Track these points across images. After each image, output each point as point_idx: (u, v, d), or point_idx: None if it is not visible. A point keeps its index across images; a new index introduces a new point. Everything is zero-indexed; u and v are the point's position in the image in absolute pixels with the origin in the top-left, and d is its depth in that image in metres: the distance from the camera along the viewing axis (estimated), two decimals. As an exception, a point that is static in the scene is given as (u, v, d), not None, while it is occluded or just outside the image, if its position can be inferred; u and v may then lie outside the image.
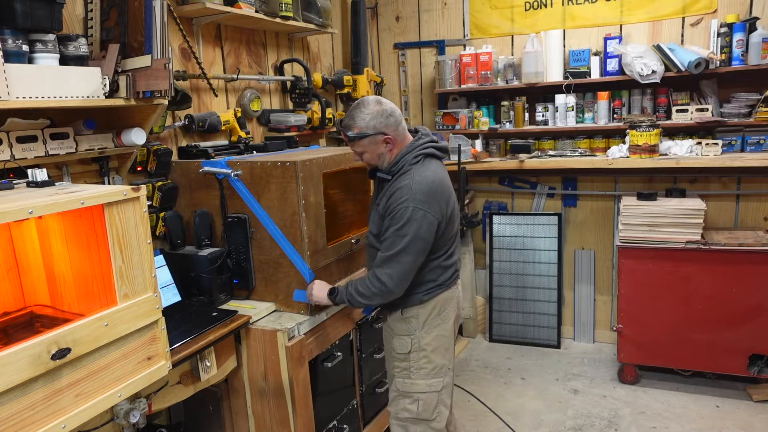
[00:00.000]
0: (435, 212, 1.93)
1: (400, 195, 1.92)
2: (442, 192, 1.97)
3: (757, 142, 3.29)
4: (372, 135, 1.96)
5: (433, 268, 2.05)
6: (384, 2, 4.18)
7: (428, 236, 1.94)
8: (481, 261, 4.23)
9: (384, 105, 1.99)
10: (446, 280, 2.09)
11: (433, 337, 2.08)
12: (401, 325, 2.10)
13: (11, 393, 1.27)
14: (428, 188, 1.93)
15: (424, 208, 1.90)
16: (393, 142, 2.00)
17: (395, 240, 1.92)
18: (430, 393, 2.09)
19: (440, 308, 2.09)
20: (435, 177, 1.97)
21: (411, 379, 2.09)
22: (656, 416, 3.05)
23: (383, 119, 1.96)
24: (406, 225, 1.90)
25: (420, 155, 2.00)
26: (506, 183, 4.11)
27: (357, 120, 1.97)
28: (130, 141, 2.06)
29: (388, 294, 1.97)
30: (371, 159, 2.04)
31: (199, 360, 1.99)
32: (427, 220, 1.91)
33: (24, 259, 1.72)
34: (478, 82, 3.81)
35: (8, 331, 1.65)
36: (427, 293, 2.06)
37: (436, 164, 2.04)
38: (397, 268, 1.93)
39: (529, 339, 4.03)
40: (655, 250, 3.20)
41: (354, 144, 2.02)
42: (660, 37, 3.50)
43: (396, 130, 2.00)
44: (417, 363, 2.08)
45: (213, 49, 2.78)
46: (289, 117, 3.12)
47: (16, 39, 1.64)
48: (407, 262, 1.93)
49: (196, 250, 2.31)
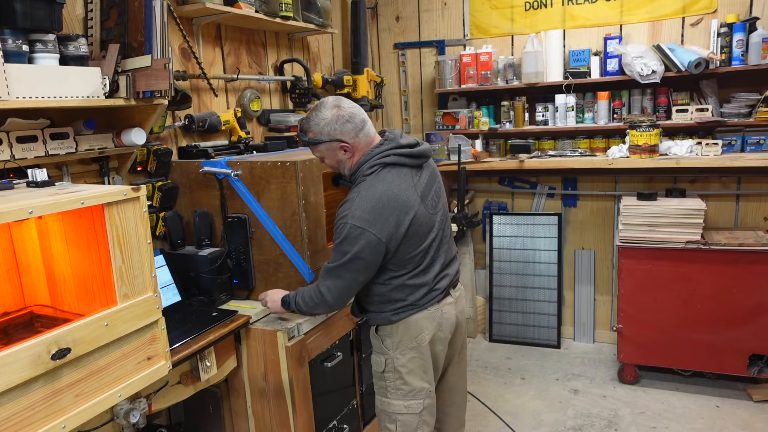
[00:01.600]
0: (378, 231, 1.76)
1: (343, 209, 1.81)
2: (392, 208, 1.78)
3: (757, 142, 3.29)
4: (327, 142, 1.85)
5: (398, 287, 1.90)
6: (384, 2, 4.18)
7: (369, 256, 1.79)
8: (481, 261, 4.23)
9: (342, 110, 1.84)
10: (418, 300, 1.92)
11: (408, 359, 1.94)
12: (376, 342, 2.01)
13: (11, 393, 1.27)
14: (373, 205, 1.76)
15: (363, 227, 1.75)
16: (352, 150, 1.86)
17: (336, 255, 1.83)
18: (409, 415, 1.96)
19: (414, 330, 1.93)
20: (386, 191, 1.79)
21: (388, 398, 1.99)
22: (656, 416, 3.05)
23: (338, 126, 1.83)
24: (344, 242, 1.78)
25: (377, 165, 1.83)
26: (506, 183, 4.11)
27: (311, 124, 1.86)
28: (130, 141, 2.06)
29: (327, 307, 1.92)
30: (332, 165, 1.94)
31: (199, 360, 1.99)
32: (365, 239, 1.76)
33: (24, 259, 1.72)
34: (478, 82, 3.81)
35: (8, 331, 1.65)
36: (396, 313, 1.92)
37: (396, 174, 1.83)
38: (337, 282, 1.85)
39: (529, 339, 4.03)
40: (655, 250, 3.20)
41: (311, 149, 1.94)
42: (660, 37, 3.50)
43: (355, 137, 1.85)
44: (393, 383, 1.97)
45: (213, 49, 2.78)
46: (289, 117, 3.12)
47: (16, 39, 1.64)
48: (347, 278, 1.84)
49: (196, 250, 2.31)
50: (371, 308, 2.00)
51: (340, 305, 1.94)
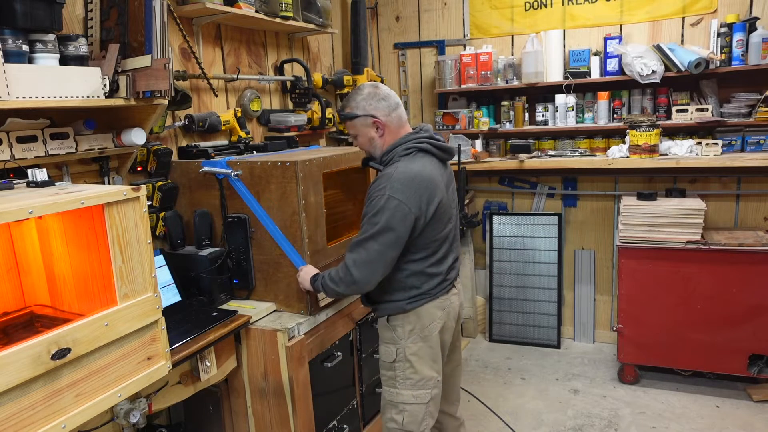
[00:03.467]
0: (412, 204, 1.85)
1: (379, 183, 1.89)
2: (426, 187, 1.88)
3: (757, 142, 3.29)
4: (362, 116, 1.97)
5: (415, 273, 1.97)
6: (384, 2, 4.18)
7: (400, 228, 1.85)
8: (481, 261, 4.23)
9: (379, 89, 1.99)
10: (432, 289, 2.00)
11: (419, 347, 2.00)
12: (387, 333, 2.04)
13: (11, 393, 1.27)
14: (410, 180, 1.86)
15: (399, 198, 1.83)
16: (383, 128, 1.98)
17: (367, 227, 1.88)
18: (417, 404, 2.01)
19: (426, 319, 2.00)
20: (421, 171, 1.90)
21: (396, 388, 2.03)
22: (656, 416, 3.05)
23: (374, 102, 1.97)
24: (379, 213, 1.84)
25: (412, 148, 1.95)
26: (506, 183, 4.11)
27: (350, 101, 2.00)
28: (130, 141, 2.06)
29: (352, 282, 1.91)
30: (363, 143, 2.04)
31: (199, 360, 1.99)
32: (400, 210, 1.83)
33: (24, 259, 1.72)
34: (478, 82, 3.81)
35: (8, 331, 1.65)
36: (411, 302, 1.98)
37: (429, 160, 1.97)
38: (362, 254, 1.88)
39: (529, 339, 4.03)
40: (655, 250, 3.20)
41: (347, 125, 2.04)
42: (660, 37, 3.50)
43: (388, 116, 1.97)
44: (403, 373, 2.01)
45: (213, 49, 2.78)
46: (289, 117, 3.12)
47: (16, 39, 1.64)
48: (374, 250, 1.86)
49: (196, 250, 2.31)
50: (384, 298, 2.03)
51: (365, 282, 1.92)
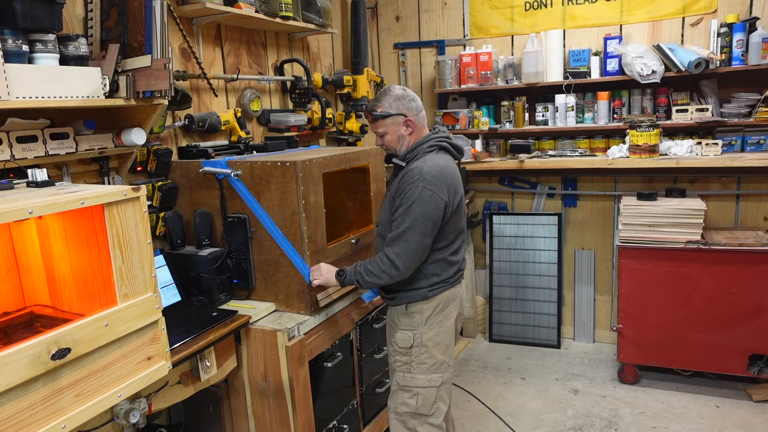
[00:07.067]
0: (443, 194, 2.01)
1: (411, 176, 2.03)
2: (451, 179, 2.07)
3: (757, 142, 3.29)
4: (394, 115, 2.11)
5: (437, 261, 2.11)
6: (384, 2, 4.18)
7: (436, 217, 2.01)
8: (481, 261, 4.23)
9: (407, 92, 2.16)
10: (450, 277, 2.15)
11: (435, 332, 2.14)
12: (405, 319, 2.16)
13: (11, 393, 1.27)
14: (439, 171, 2.03)
15: (432, 189, 1.99)
16: (413, 126, 2.14)
17: (404, 219, 2.01)
18: (430, 388, 2.14)
19: (443, 305, 2.15)
20: (447, 165, 2.09)
21: (411, 373, 2.15)
22: (656, 416, 3.05)
23: (406, 102, 2.13)
24: (414, 204, 1.99)
25: (435, 146, 2.13)
26: (506, 183, 4.11)
27: (382, 101, 2.13)
28: (130, 141, 2.06)
29: (396, 273, 2.03)
30: (391, 141, 2.15)
31: (199, 360, 1.99)
32: (434, 201, 1.99)
33: (24, 259, 1.72)
34: (478, 82, 3.81)
35: (8, 331, 1.65)
36: (432, 289, 2.12)
37: (449, 158, 2.15)
38: (405, 246, 2.00)
39: (529, 339, 4.03)
40: (655, 250, 3.20)
41: (377, 124, 2.14)
42: (660, 37, 3.50)
43: (417, 116, 2.15)
44: (418, 358, 2.13)
45: (213, 49, 2.78)
46: (289, 117, 3.12)
47: (16, 39, 1.64)
48: (415, 241, 2.00)
49: (196, 250, 2.31)
50: (405, 287, 2.13)
51: (408, 271, 2.05)
